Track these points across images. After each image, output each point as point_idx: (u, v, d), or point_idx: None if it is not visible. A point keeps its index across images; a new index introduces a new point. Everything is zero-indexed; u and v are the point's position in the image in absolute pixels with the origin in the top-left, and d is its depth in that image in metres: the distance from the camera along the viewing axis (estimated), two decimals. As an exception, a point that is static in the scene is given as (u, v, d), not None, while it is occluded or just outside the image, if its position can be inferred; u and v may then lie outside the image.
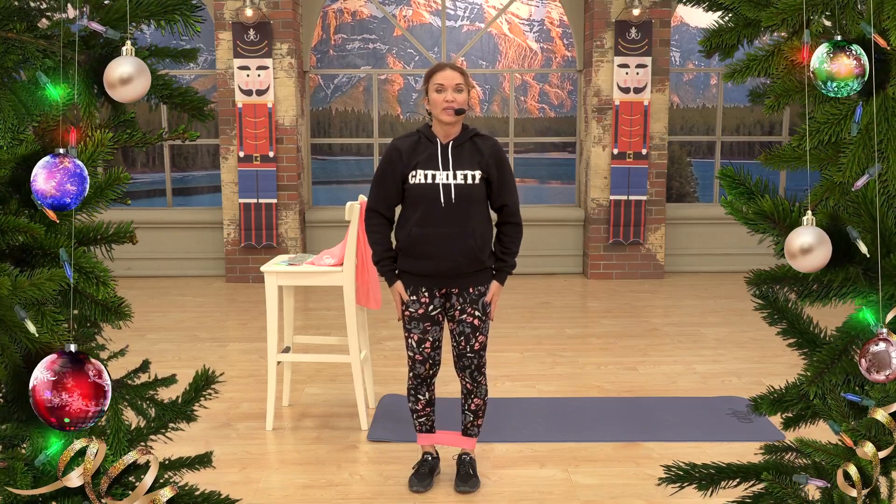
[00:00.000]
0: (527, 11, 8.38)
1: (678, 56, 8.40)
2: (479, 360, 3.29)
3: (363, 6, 8.31)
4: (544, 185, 8.65)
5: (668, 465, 1.71)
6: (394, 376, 4.84)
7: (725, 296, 7.16)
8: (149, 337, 5.80)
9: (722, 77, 1.66)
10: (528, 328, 6.05)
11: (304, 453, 3.77)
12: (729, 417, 4.17)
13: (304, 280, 3.99)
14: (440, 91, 3.10)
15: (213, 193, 8.39)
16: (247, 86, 7.54)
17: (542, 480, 3.47)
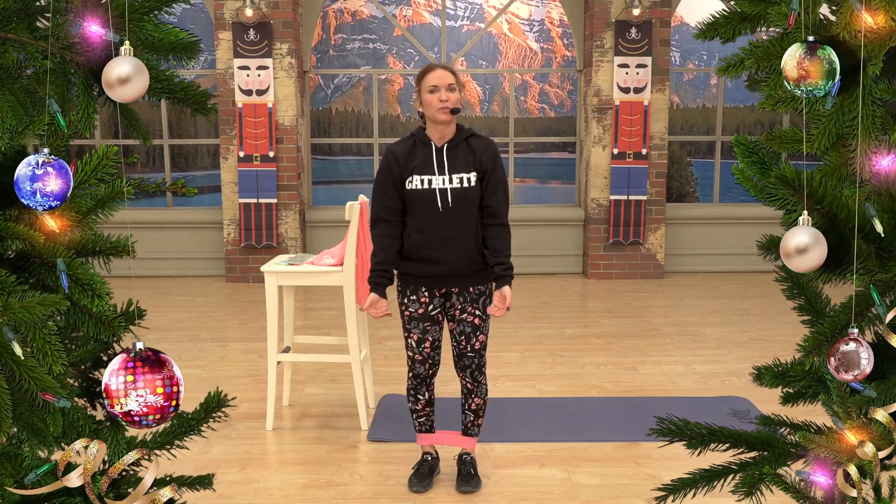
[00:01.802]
0: (527, 11, 8.38)
1: (678, 56, 8.40)
2: (480, 359, 3.29)
3: (363, 6, 8.31)
4: (544, 185, 8.65)
5: (661, 417, 1.71)
6: (394, 376, 4.84)
7: (725, 296, 7.16)
8: (149, 337, 5.80)
9: (716, 71, 1.65)
10: (529, 328, 6.05)
11: (304, 453, 3.77)
12: (729, 417, 4.17)
13: (304, 280, 3.99)
14: (434, 92, 3.10)
15: (214, 193, 8.39)
16: (247, 86, 7.54)
17: (543, 480, 3.47)
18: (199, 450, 3.77)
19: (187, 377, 4.86)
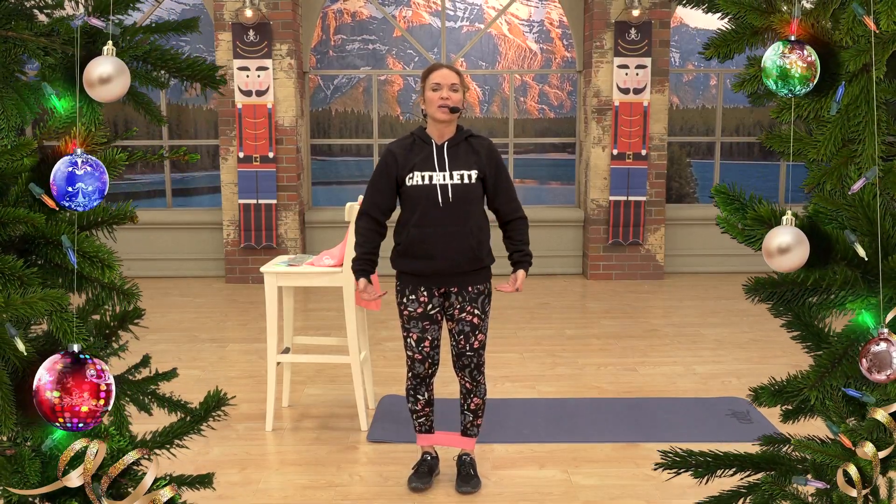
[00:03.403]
0: (526, 12, 8.38)
1: (678, 57, 8.40)
2: (479, 359, 3.29)
3: (363, 7, 8.31)
4: (544, 186, 8.65)
5: (665, 450, 1.70)
6: (393, 377, 4.84)
7: (725, 296, 7.16)
8: (148, 338, 5.80)
9: (732, 87, 1.65)
10: (528, 329, 6.05)
11: (303, 454, 3.76)
12: (729, 418, 4.17)
13: (303, 281, 3.98)
14: (436, 89, 3.12)
15: (213, 194, 8.39)
16: (246, 86, 7.54)
17: (542, 481, 3.47)
18: (198, 450, 3.77)
19: (187, 378, 4.85)
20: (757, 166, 8.61)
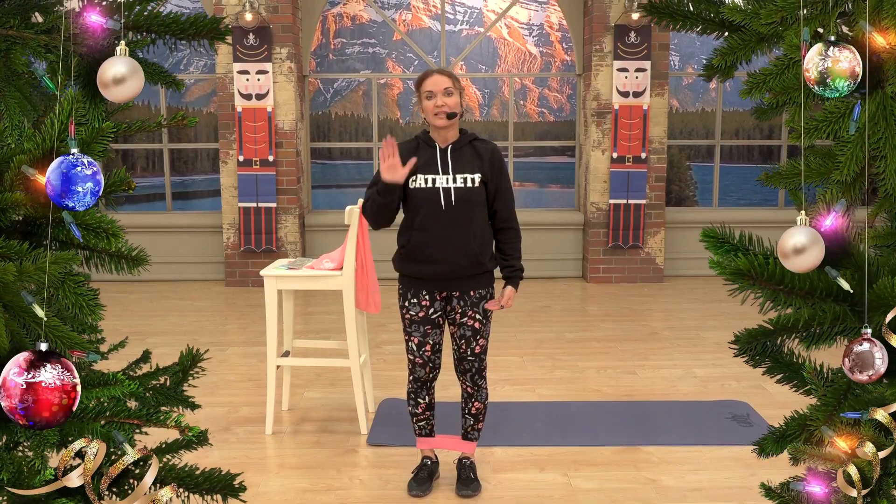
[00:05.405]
0: (526, 16, 8.39)
1: (677, 60, 8.41)
2: (480, 363, 3.29)
3: (363, 10, 8.33)
4: (544, 189, 8.66)
5: None
6: (394, 380, 4.84)
7: (725, 300, 7.16)
8: (148, 341, 5.80)
9: (741, 94, 1.65)
10: (528, 332, 6.05)
11: (303, 457, 3.76)
12: (729, 421, 4.17)
13: (303, 284, 3.98)
14: (430, 97, 3.11)
15: (213, 197, 8.39)
16: (246, 90, 7.55)
17: (542, 484, 3.47)
18: (198, 453, 3.75)
19: (187, 381, 4.84)
20: (757, 169, 8.61)
